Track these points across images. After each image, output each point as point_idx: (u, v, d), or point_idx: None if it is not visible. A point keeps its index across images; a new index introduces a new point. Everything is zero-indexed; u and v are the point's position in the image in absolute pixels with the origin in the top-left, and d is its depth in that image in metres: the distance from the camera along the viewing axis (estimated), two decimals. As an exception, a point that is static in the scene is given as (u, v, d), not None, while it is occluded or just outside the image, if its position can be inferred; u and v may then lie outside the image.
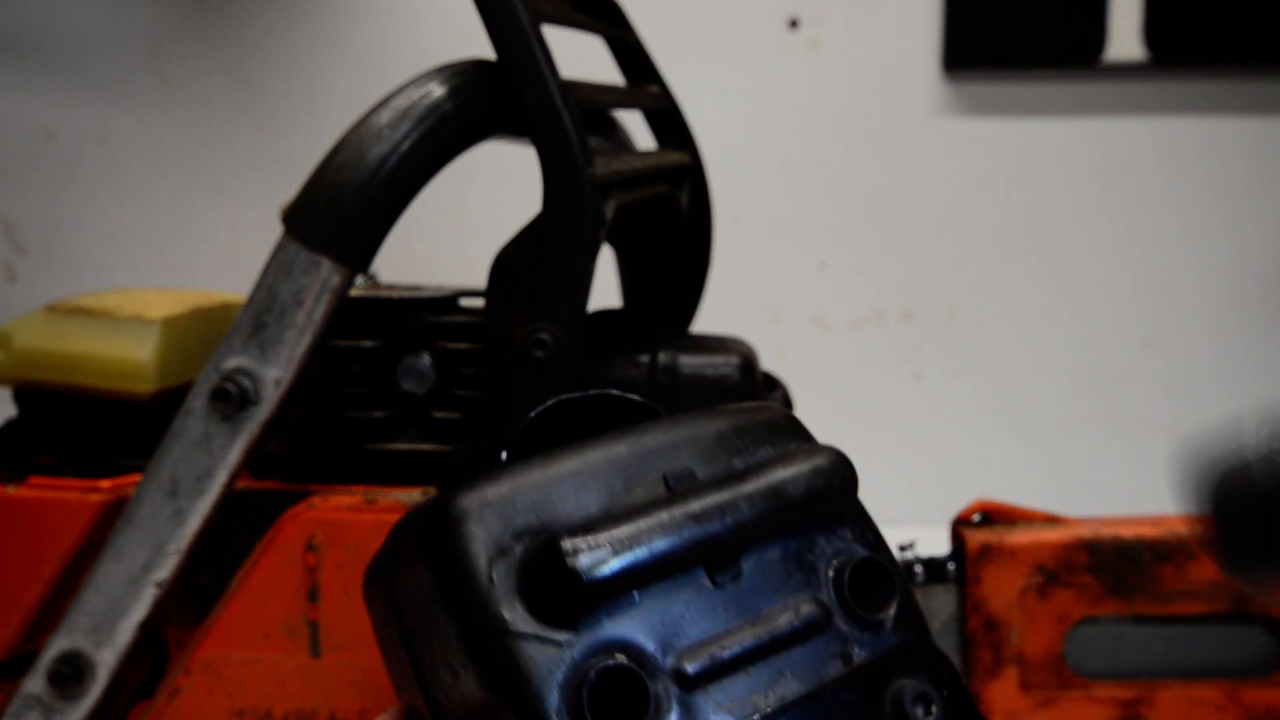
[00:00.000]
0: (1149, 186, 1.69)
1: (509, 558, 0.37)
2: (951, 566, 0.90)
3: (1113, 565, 0.87)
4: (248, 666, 0.69)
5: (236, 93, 1.76)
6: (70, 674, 0.65)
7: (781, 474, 0.41)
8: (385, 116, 0.64)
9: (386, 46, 1.70)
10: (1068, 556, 0.87)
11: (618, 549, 0.37)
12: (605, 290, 0.83)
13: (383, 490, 0.71)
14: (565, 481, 0.39)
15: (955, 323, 1.74)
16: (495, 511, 0.38)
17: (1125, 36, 1.62)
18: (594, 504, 0.39)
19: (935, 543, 0.97)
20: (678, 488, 0.40)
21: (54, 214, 1.79)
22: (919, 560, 0.92)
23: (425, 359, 0.76)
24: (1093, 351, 1.73)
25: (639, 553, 0.37)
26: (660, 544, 0.37)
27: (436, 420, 0.76)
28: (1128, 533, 0.87)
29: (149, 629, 0.66)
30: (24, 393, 0.85)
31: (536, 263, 0.65)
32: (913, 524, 1.04)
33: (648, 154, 0.85)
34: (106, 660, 0.65)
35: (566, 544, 0.36)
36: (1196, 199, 1.69)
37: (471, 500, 0.38)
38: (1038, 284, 1.72)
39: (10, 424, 0.86)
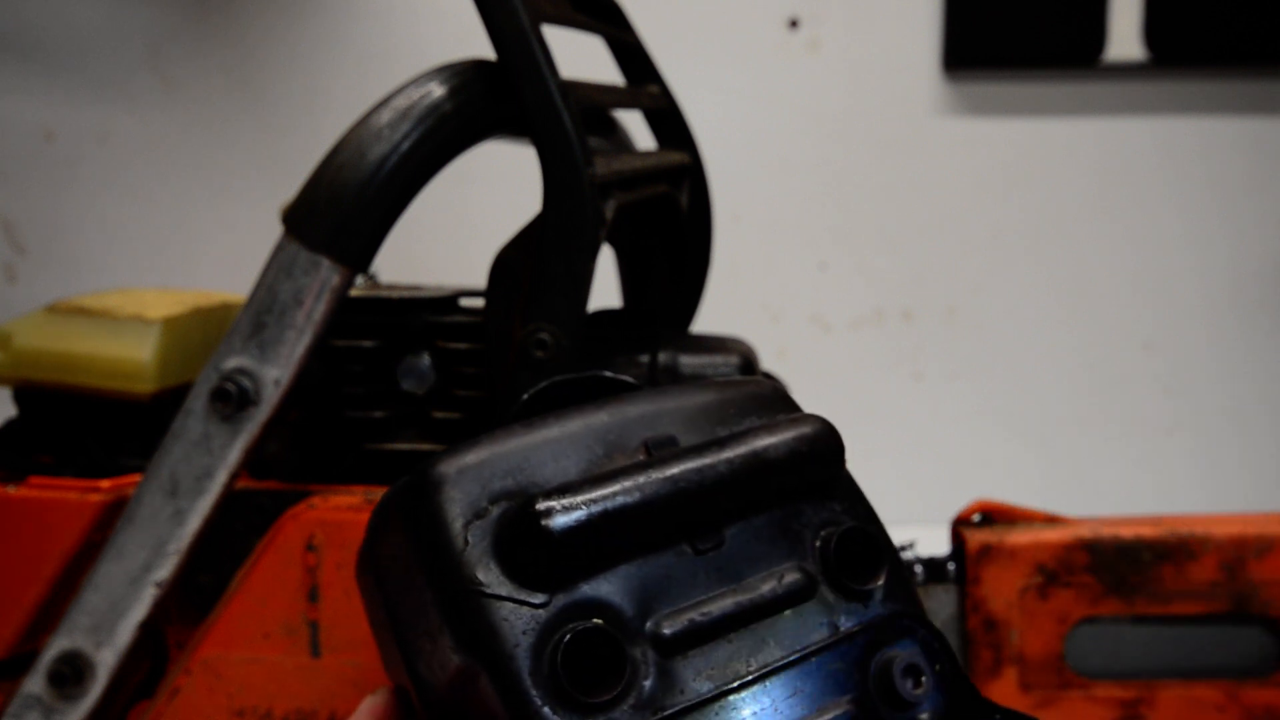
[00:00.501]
0: (1149, 186, 1.69)
1: (485, 520, 0.37)
2: (951, 566, 0.90)
3: (1113, 565, 0.87)
4: (248, 666, 0.69)
5: (236, 93, 1.76)
6: (70, 674, 0.65)
7: (763, 440, 0.40)
8: (385, 116, 0.64)
9: (386, 46, 1.70)
10: (1068, 556, 0.87)
11: (591, 508, 0.36)
12: (605, 290, 0.83)
13: (383, 490, 0.71)
14: (545, 447, 0.39)
15: (955, 323, 1.74)
16: (472, 475, 0.37)
17: (1125, 36, 1.62)
18: (573, 468, 0.39)
19: (935, 543, 0.97)
20: (657, 453, 0.40)
21: (54, 214, 1.79)
22: (919, 560, 0.92)
23: (425, 359, 0.76)
24: (1093, 351, 1.73)
25: (613, 512, 0.36)
26: (635, 504, 0.37)
27: (436, 420, 0.76)
28: (1128, 533, 0.87)
29: (149, 629, 0.66)
30: (24, 393, 0.85)
31: (536, 263, 0.65)
32: (913, 524, 1.03)
33: (648, 154, 0.85)
34: (106, 660, 0.65)
35: (540, 504, 0.36)
36: (1196, 199, 1.69)
37: (449, 466, 0.38)
38: (1038, 284, 1.72)
39: (10, 424, 0.86)
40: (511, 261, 0.67)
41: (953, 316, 1.74)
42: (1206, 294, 1.71)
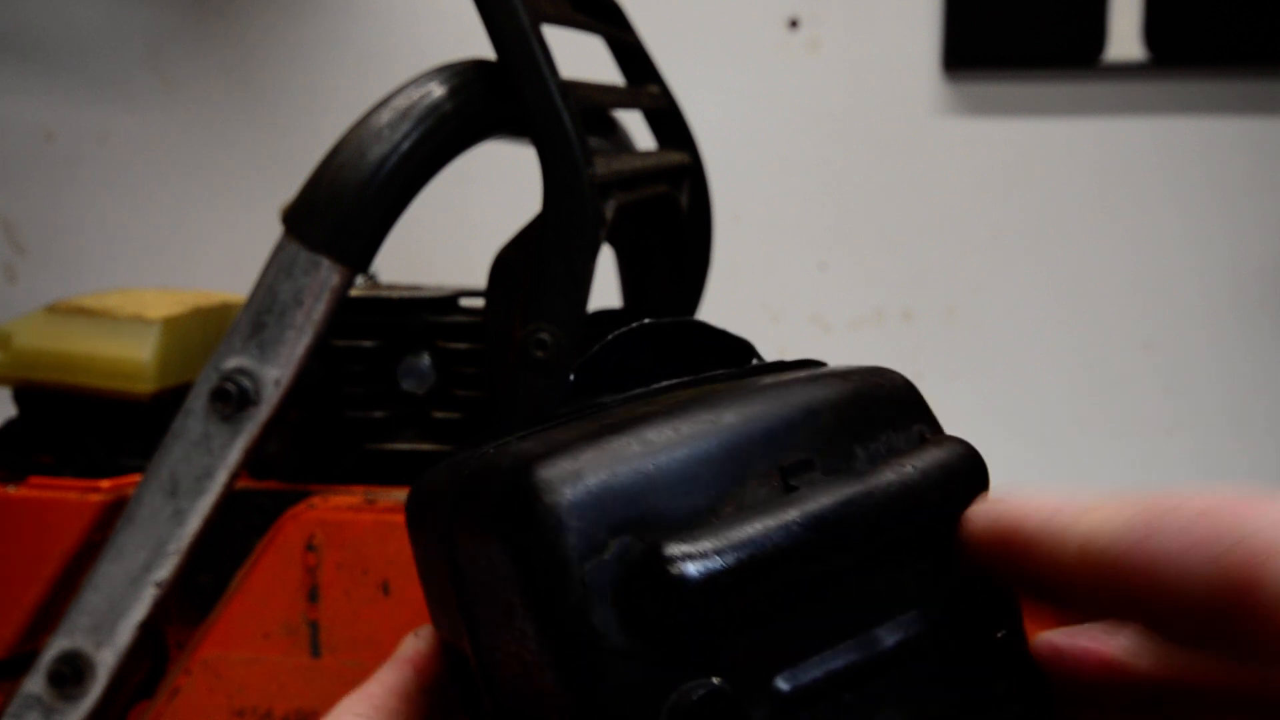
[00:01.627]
0: (1149, 186, 1.69)
1: (603, 557, 0.32)
2: (951, 566, 0.90)
3: (1113, 565, 0.87)
4: (248, 666, 0.69)
5: (236, 93, 1.76)
6: (70, 674, 0.65)
7: (909, 474, 0.36)
8: (385, 116, 0.64)
9: (386, 46, 1.70)
10: (1068, 556, 0.87)
11: (726, 557, 0.32)
12: (605, 290, 0.83)
13: (383, 490, 0.71)
14: (670, 463, 0.34)
15: (955, 323, 1.74)
16: (591, 500, 0.33)
17: (1125, 36, 1.62)
18: (701, 497, 0.34)
19: (935, 543, 0.97)
20: (796, 483, 0.36)
21: (54, 214, 1.79)
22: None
23: (425, 359, 0.76)
24: (1093, 351, 1.73)
25: (751, 562, 0.32)
26: (775, 552, 0.33)
27: (436, 420, 0.76)
28: (1128, 533, 0.87)
29: (149, 629, 0.66)
30: (24, 393, 0.85)
31: (536, 263, 0.65)
32: (913, 524, 1.03)
33: (648, 154, 0.85)
34: (106, 660, 0.65)
35: (669, 549, 0.31)
36: (1196, 199, 1.69)
37: (563, 474, 0.33)
38: (1038, 284, 1.72)
39: (10, 424, 0.86)
40: (511, 261, 0.67)
41: (953, 316, 1.74)
42: (1206, 294, 1.71)
